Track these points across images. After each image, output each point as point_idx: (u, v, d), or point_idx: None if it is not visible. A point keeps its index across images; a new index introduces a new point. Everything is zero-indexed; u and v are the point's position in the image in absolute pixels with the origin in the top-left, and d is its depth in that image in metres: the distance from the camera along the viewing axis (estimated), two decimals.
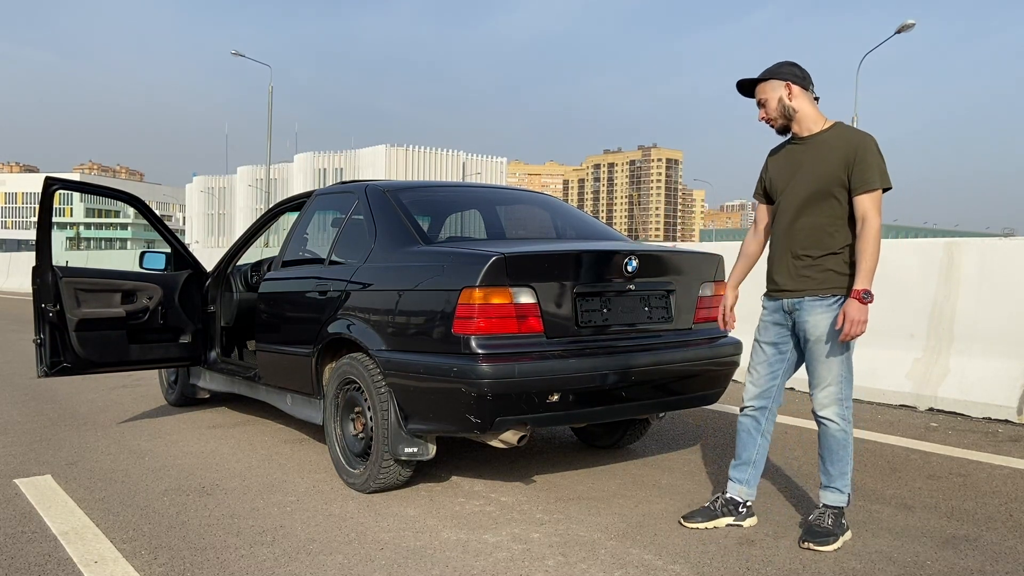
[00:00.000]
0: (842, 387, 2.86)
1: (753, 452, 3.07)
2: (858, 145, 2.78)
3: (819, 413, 2.88)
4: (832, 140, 2.84)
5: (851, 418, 2.89)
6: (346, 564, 2.67)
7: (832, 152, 2.82)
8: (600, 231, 4.29)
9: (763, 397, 3.04)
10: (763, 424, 3.06)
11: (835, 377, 2.85)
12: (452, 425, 3.18)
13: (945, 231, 79.50)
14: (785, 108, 2.88)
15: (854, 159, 2.77)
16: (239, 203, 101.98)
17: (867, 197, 2.76)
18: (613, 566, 2.65)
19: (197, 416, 5.07)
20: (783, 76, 2.88)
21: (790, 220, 2.91)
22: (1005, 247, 5.11)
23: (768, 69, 2.93)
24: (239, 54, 35.30)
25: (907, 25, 28.14)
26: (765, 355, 3.03)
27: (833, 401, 2.86)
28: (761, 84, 2.92)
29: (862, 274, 2.73)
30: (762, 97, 2.92)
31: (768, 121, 2.93)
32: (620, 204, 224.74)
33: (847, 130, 2.86)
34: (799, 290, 2.89)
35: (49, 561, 2.72)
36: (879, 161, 2.77)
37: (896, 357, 5.42)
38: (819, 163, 2.84)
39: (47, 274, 4.33)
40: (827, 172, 2.81)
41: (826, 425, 2.88)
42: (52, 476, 3.71)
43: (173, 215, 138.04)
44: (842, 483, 2.88)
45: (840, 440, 2.87)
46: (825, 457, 2.91)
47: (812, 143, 2.88)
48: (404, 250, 3.57)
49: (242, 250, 5.06)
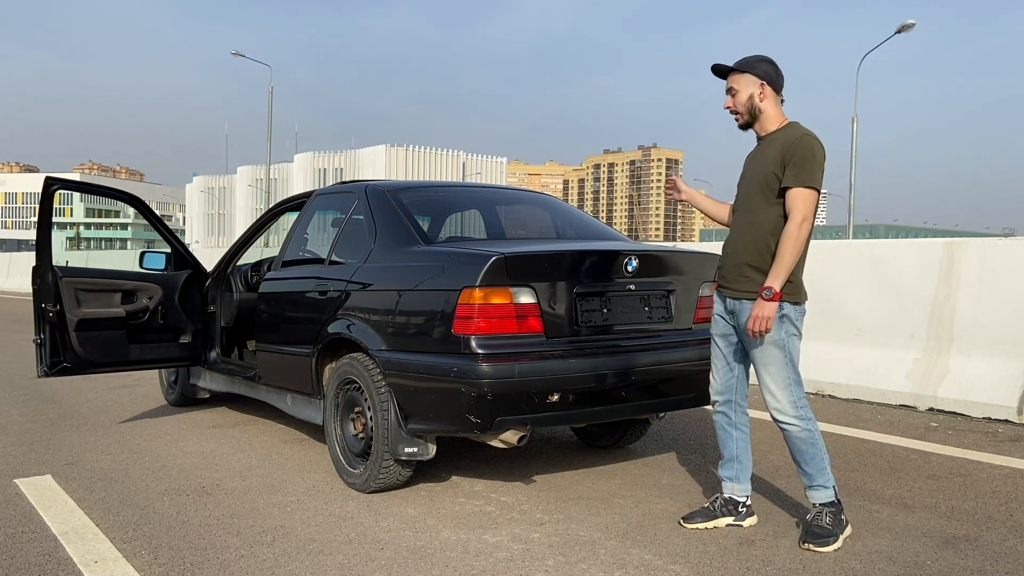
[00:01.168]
0: (791, 389, 2.84)
1: (733, 447, 3.07)
2: (795, 142, 2.77)
3: (776, 418, 2.88)
4: (777, 139, 2.84)
5: (810, 415, 2.87)
6: (346, 564, 2.67)
7: (772, 150, 2.82)
8: (600, 231, 4.29)
9: (725, 391, 3.06)
10: (733, 418, 3.06)
11: (782, 380, 2.83)
12: (452, 425, 3.18)
13: (945, 231, 79.52)
14: (753, 107, 2.87)
15: (788, 156, 2.76)
16: (239, 203, 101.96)
17: (792, 193, 2.74)
18: (613, 566, 2.65)
19: (197, 416, 5.07)
20: (760, 74, 2.86)
21: (737, 219, 2.94)
22: (1005, 247, 5.11)
23: (747, 60, 2.90)
24: (239, 54, 35.32)
25: (907, 25, 28.13)
26: (719, 349, 3.04)
27: (786, 405, 2.84)
28: (737, 74, 2.89)
29: (772, 271, 2.74)
30: (734, 87, 2.89)
31: (733, 113, 2.91)
32: (620, 204, 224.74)
33: (792, 129, 2.85)
34: (738, 291, 2.89)
35: (49, 561, 2.72)
36: (811, 159, 2.74)
37: (896, 357, 5.42)
38: (762, 162, 2.85)
39: (47, 274, 4.33)
40: (765, 170, 2.82)
41: (787, 429, 2.86)
42: (52, 476, 3.71)
43: (173, 215, 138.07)
44: (823, 479, 2.87)
45: (806, 440, 2.85)
46: (798, 459, 2.89)
47: (765, 142, 2.90)
48: (404, 250, 3.57)
49: (242, 250, 5.06)
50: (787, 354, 2.83)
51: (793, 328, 2.83)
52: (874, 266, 5.69)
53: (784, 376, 2.83)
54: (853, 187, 29.63)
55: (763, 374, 2.87)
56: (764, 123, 2.89)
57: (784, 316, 2.80)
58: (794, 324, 2.83)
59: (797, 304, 2.83)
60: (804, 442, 2.84)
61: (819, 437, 2.87)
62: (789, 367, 2.84)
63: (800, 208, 2.73)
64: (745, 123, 2.92)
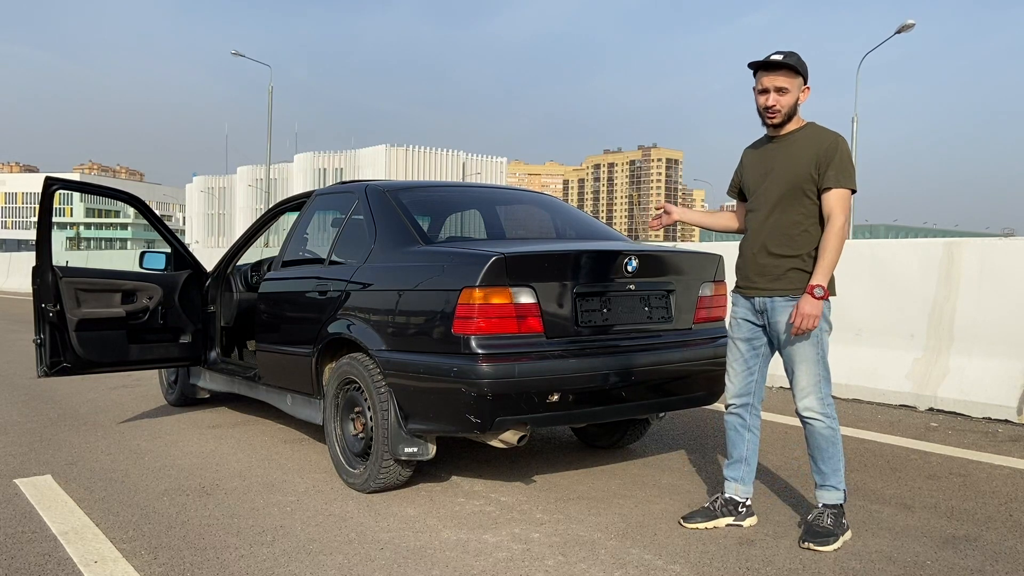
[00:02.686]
0: (821, 385, 2.86)
1: (743, 449, 3.08)
2: (829, 144, 2.80)
3: (803, 413, 2.90)
4: (804, 139, 2.86)
5: (835, 414, 2.89)
6: (346, 564, 2.67)
7: (804, 151, 2.83)
8: (600, 231, 4.29)
9: (743, 394, 3.05)
10: (748, 420, 3.07)
11: (813, 376, 2.86)
12: (452, 425, 3.18)
13: (945, 231, 79.47)
14: (794, 108, 2.87)
15: (824, 158, 2.79)
16: (239, 203, 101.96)
17: (833, 194, 2.78)
18: (613, 566, 2.65)
19: (197, 416, 5.07)
20: (806, 76, 2.87)
21: (763, 218, 2.92)
22: (1005, 247, 5.11)
23: (799, 61, 2.85)
24: (239, 54, 35.30)
25: (907, 25, 28.12)
26: (740, 352, 3.04)
27: (814, 400, 2.86)
28: (793, 74, 2.83)
29: (819, 270, 2.77)
30: (784, 86, 2.82)
31: (774, 110, 2.84)
32: (620, 204, 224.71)
33: (819, 130, 2.87)
34: (771, 289, 2.90)
35: (49, 561, 2.72)
36: (848, 161, 2.80)
37: (896, 357, 5.42)
38: (791, 162, 2.85)
39: (47, 274, 4.33)
40: (798, 171, 2.83)
41: (811, 424, 2.88)
42: (52, 476, 3.71)
43: (173, 215, 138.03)
44: (836, 480, 2.88)
45: (828, 437, 2.87)
46: (815, 456, 2.91)
47: (785, 142, 2.90)
48: (404, 250, 3.57)
49: (242, 250, 5.07)
50: (820, 350, 2.86)
51: (827, 324, 2.87)
52: (874, 266, 5.69)
53: (816, 372, 2.85)
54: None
55: (797, 370, 2.88)
56: (790, 123, 2.90)
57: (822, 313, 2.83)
58: (827, 320, 2.87)
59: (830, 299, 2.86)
60: (827, 439, 2.86)
61: (840, 438, 2.90)
62: (821, 364, 2.86)
63: (843, 208, 2.79)
64: (780, 123, 2.88)
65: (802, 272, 2.84)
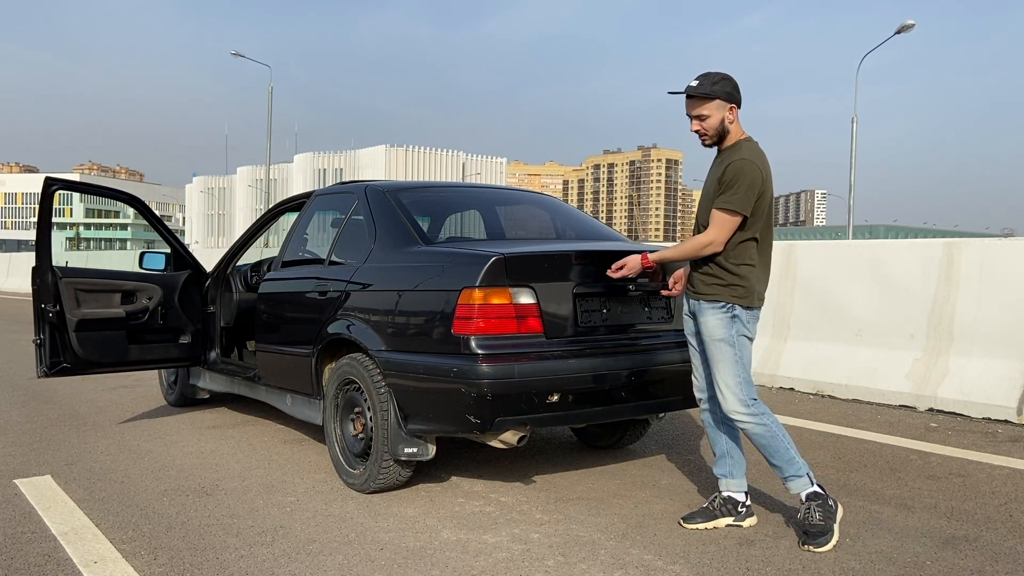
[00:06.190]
0: (742, 388, 2.90)
1: (722, 443, 3.11)
2: (729, 167, 2.85)
3: (732, 418, 2.94)
4: (724, 159, 2.92)
5: (762, 409, 2.91)
6: (346, 564, 2.67)
7: (717, 170, 2.92)
8: (600, 231, 4.29)
9: (707, 388, 3.09)
10: (719, 414, 3.08)
11: (732, 379, 2.90)
12: (452, 425, 3.18)
13: (945, 231, 79.51)
14: (724, 129, 2.91)
15: (723, 179, 2.86)
16: (239, 203, 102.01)
17: (714, 213, 2.86)
18: (613, 566, 2.65)
19: (197, 416, 5.07)
20: (730, 98, 2.89)
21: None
22: (1005, 247, 5.11)
23: (715, 86, 2.87)
24: (239, 54, 35.32)
25: (907, 25, 28.12)
26: (695, 348, 3.10)
27: (737, 404, 2.90)
28: (708, 103, 2.88)
29: (665, 250, 3.05)
30: (704, 113, 2.89)
31: (701, 135, 2.94)
32: (620, 204, 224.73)
33: (736, 151, 2.89)
34: (697, 293, 2.97)
35: (49, 561, 2.72)
36: (742, 186, 2.81)
37: (896, 357, 5.42)
38: (710, 180, 2.97)
39: (47, 274, 4.33)
40: (711, 188, 2.94)
41: (744, 427, 2.93)
42: (52, 476, 3.71)
43: (173, 215, 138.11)
44: (794, 468, 2.91)
45: (763, 435, 2.90)
46: (764, 455, 2.96)
47: (717, 160, 2.98)
48: (404, 250, 3.57)
49: (242, 250, 5.06)
50: (737, 352, 2.90)
51: (744, 329, 2.91)
52: (874, 266, 5.69)
53: (734, 374, 2.90)
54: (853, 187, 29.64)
55: (715, 373, 2.94)
56: (726, 140, 2.96)
57: (735, 316, 2.89)
58: (745, 325, 2.91)
59: (749, 308, 2.91)
60: (763, 437, 2.90)
61: (778, 429, 2.91)
62: (739, 366, 2.90)
63: (718, 228, 2.86)
64: (713, 143, 2.97)
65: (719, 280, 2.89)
